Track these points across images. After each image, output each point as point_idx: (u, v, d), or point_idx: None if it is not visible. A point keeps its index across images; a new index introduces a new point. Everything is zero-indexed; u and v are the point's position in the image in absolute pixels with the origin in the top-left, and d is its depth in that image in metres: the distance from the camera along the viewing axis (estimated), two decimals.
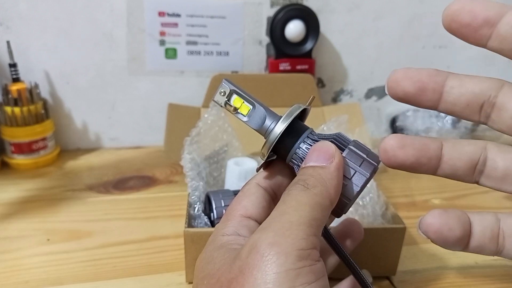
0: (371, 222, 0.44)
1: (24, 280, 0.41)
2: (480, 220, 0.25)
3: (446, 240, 0.25)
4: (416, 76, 0.25)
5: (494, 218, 0.25)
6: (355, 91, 0.75)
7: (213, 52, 0.68)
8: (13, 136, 0.60)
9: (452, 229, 0.24)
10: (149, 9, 0.64)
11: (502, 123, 0.24)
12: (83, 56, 0.64)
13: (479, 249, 0.25)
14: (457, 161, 0.25)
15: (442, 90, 0.25)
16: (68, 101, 0.66)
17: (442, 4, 0.25)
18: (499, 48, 0.23)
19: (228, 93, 0.27)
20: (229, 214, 0.27)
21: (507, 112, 0.24)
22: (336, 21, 0.70)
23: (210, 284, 0.23)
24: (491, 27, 0.23)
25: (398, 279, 0.42)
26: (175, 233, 0.48)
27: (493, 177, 0.25)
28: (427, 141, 0.25)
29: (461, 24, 0.24)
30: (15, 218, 0.50)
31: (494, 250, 0.25)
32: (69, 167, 0.63)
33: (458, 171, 0.26)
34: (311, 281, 0.21)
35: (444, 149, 0.26)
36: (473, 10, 0.23)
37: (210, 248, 0.25)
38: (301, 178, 0.25)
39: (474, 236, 0.25)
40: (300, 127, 0.27)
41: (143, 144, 0.70)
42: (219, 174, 0.51)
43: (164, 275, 0.42)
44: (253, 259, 0.21)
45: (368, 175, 0.26)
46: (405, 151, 0.25)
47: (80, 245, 0.46)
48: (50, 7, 0.61)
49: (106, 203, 0.54)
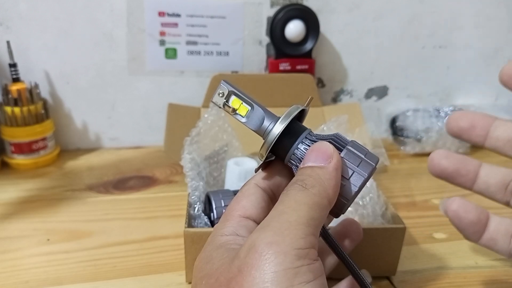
0: (371, 222, 0.44)
1: (24, 280, 0.41)
2: (498, 219, 0.29)
3: (461, 220, 0.28)
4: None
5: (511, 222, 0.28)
6: (355, 91, 0.75)
7: (213, 52, 0.68)
8: (13, 136, 0.61)
9: (468, 211, 0.28)
10: (149, 9, 0.64)
11: None
12: (83, 56, 0.64)
13: (492, 242, 0.28)
14: (491, 179, 0.29)
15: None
16: (68, 101, 0.66)
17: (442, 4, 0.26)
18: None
19: (226, 94, 0.27)
20: (228, 214, 0.27)
21: None
22: (336, 21, 0.70)
23: (209, 283, 0.23)
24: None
25: (398, 279, 0.42)
26: (175, 233, 0.48)
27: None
28: (468, 158, 0.30)
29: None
30: (15, 218, 0.50)
31: (506, 248, 0.28)
32: (69, 167, 0.63)
33: (490, 187, 0.29)
34: (309, 280, 0.21)
35: (482, 167, 0.30)
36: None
37: (209, 248, 0.25)
38: (300, 178, 0.25)
39: (489, 228, 0.28)
40: (298, 127, 0.27)
41: (143, 144, 0.70)
42: (219, 174, 0.51)
43: (164, 275, 0.42)
44: (252, 258, 0.22)
45: (366, 175, 0.26)
46: (449, 160, 0.30)
47: (80, 245, 0.46)
48: (50, 7, 0.61)
49: (106, 203, 0.54)
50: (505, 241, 0.28)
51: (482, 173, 0.29)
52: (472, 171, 0.29)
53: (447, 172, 0.30)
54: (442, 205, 0.29)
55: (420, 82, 0.76)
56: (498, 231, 0.28)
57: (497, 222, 0.28)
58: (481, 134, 0.29)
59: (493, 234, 0.28)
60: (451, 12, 0.72)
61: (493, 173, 0.29)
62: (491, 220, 0.28)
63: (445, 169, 0.29)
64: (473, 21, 0.74)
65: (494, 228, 0.28)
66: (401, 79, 0.76)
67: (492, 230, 0.28)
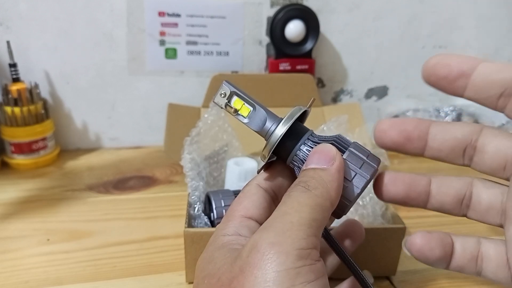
0: (371, 222, 0.44)
1: (24, 280, 0.41)
2: (462, 243, 0.28)
3: (427, 258, 0.27)
4: (402, 126, 0.27)
5: (475, 242, 0.28)
6: (355, 91, 0.75)
7: (213, 52, 0.68)
8: (13, 136, 0.60)
9: (433, 249, 0.27)
10: (149, 9, 0.64)
11: (483, 165, 0.26)
12: (83, 56, 0.64)
13: (459, 269, 0.28)
14: (444, 196, 0.28)
15: (427, 138, 0.27)
16: (68, 101, 0.66)
17: (442, 4, 0.26)
18: (474, 98, 0.25)
19: (228, 94, 0.27)
20: (230, 214, 0.27)
21: (487, 154, 0.26)
22: (336, 21, 0.70)
23: (211, 283, 0.23)
24: (466, 78, 0.25)
25: (398, 279, 0.42)
26: (175, 233, 0.48)
27: (477, 210, 0.28)
28: (416, 178, 0.28)
29: (438, 77, 0.26)
30: (15, 218, 0.50)
31: (473, 271, 0.28)
32: (69, 167, 0.63)
33: (445, 205, 0.28)
34: (310, 280, 0.21)
35: (432, 185, 0.28)
36: (449, 64, 0.25)
37: (211, 248, 0.25)
38: (302, 180, 0.25)
39: (455, 256, 0.27)
40: (300, 129, 0.27)
41: (143, 144, 0.70)
42: (219, 174, 0.51)
43: (164, 275, 0.42)
44: (254, 258, 0.22)
45: (368, 177, 0.26)
46: (396, 187, 0.28)
47: (80, 245, 0.46)
48: (50, 7, 0.61)
49: (106, 203, 0.54)
50: (472, 266, 0.27)
51: (434, 191, 0.28)
52: (423, 192, 0.28)
53: (397, 200, 0.28)
54: (406, 244, 0.28)
55: (420, 82, 0.75)
56: (464, 258, 0.27)
57: (461, 249, 0.27)
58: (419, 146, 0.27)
59: (459, 262, 0.27)
60: (451, 12, 0.72)
61: (445, 190, 0.28)
62: (455, 246, 0.27)
63: (394, 197, 0.28)
64: (473, 21, 0.74)
65: (459, 256, 0.27)
66: (401, 79, 0.76)
67: (458, 258, 0.27)
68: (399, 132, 0.27)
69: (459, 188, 0.28)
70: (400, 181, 0.28)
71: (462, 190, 0.28)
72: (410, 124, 0.27)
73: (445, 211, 0.28)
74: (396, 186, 0.28)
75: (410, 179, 0.28)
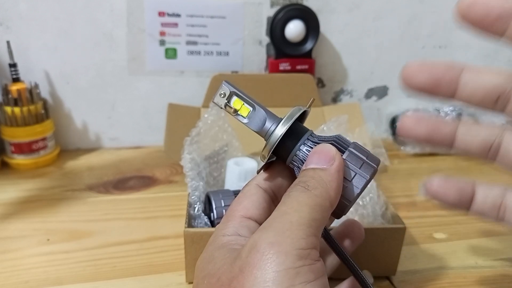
0: (371, 222, 0.44)
1: (24, 280, 0.41)
2: (484, 191, 0.28)
3: (442, 201, 0.28)
4: (432, 70, 0.26)
5: (500, 192, 0.28)
6: (355, 91, 0.75)
7: (213, 52, 0.68)
8: (13, 136, 0.60)
9: (448, 194, 0.28)
10: (149, 9, 0.64)
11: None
12: (83, 56, 0.64)
13: (479, 215, 0.28)
14: (469, 143, 0.28)
15: (457, 84, 0.26)
16: (68, 101, 0.66)
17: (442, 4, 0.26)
18: None
19: (228, 94, 0.27)
20: (230, 214, 0.27)
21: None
22: (336, 21, 0.70)
23: (211, 283, 0.23)
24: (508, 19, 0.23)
25: (398, 279, 0.42)
26: (175, 233, 0.48)
27: (506, 160, 0.27)
28: (442, 122, 0.28)
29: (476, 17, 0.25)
30: (15, 218, 0.50)
31: (494, 218, 0.28)
32: (69, 167, 0.63)
33: (471, 151, 0.28)
34: (310, 280, 0.21)
35: (459, 130, 0.28)
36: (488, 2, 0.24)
37: (211, 248, 0.25)
38: (302, 180, 0.25)
39: (476, 203, 0.28)
40: (300, 129, 0.27)
41: (143, 144, 0.70)
42: (219, 174, 0.51)
43: (164, 275, 0.42)
44: (253, 258, 0.22)
45: (368, 177, 0.26)
46: (419, 127, 0.28)
47: (80, 245, 0.46)
48: (50, 7, 0.61)
49: (106, 203, 0.54)
50: (493, 213, 0.27)
51: (459, 136, 0.27)
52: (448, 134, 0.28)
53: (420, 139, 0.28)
54: (422, 188, 0.28)
55: None
56: (484, 206, 0.27)
57: (484, 195, 0.28)
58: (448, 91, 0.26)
59: (479, 208, 0.28)
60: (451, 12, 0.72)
61: (471, 137, 0.27)
62: (477, 192, 0.28)
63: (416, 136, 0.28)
64: None
65: (480, 203, 0.27)
66: None
67: (478, 205, 0.28)
68: (428, 76, 0.26)
69: (487, 135, 0.27)
70: (424, 123, 0.28)
71: (490, 137, 0.27)
72: (441, 68, 0.26)
73: (471, 156, 0.28)
74: (419, 126, 0.28)
75: (435, 122, 0.28)
